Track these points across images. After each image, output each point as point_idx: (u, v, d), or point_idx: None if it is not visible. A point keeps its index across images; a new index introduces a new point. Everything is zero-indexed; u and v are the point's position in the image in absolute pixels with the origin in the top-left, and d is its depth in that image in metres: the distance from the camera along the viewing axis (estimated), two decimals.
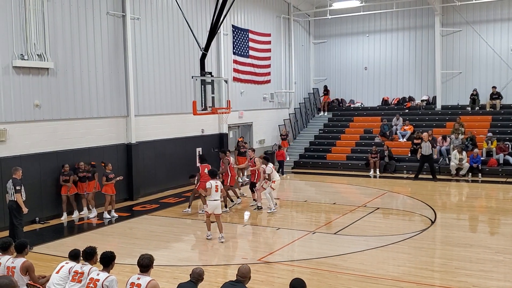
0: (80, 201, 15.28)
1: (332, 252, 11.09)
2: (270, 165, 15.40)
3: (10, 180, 11.95)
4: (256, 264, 10.33)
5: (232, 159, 16.72)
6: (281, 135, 24.93)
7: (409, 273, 9.68)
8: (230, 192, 16.08)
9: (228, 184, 15.67)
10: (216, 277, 9.54)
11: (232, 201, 16.11)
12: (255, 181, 15.94)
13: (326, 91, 28.64)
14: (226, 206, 15.25)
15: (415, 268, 10.00)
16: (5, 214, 13.46)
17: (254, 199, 15.97)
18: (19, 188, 11.77)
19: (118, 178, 15.18)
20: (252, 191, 16.12)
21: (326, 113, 28.35)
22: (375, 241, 11.91)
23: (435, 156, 20.91)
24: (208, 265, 10.32)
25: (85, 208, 15.33)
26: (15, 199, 11.71)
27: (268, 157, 15.98)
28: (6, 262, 7.45)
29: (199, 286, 6.68)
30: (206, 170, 14.11)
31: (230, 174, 15.75)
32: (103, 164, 15.15)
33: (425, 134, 21.33)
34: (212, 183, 12.07)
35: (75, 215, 15.07)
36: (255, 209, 15.48)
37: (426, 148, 20.65)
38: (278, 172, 22.52)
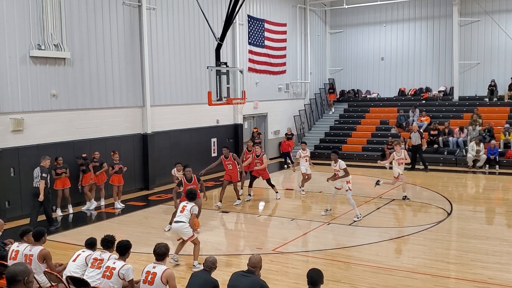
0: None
1: (347, 243, 11.07)
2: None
3: (38, 168, 12.58)
4: (270, 254, 10.35)
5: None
6: (286, 134, 23.88)
7: (424, 265, 9.63)
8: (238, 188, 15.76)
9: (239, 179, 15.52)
10: (230, 266, 9.58)
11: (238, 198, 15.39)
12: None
13: (332, 89, 28.33)
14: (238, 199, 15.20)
15: (431, 260, 9.94)
16: (23, 203, 13.69)
17: (249, 194, 15.92)
18: (45, 176, 12.45)
19: (124, 169, 15.12)
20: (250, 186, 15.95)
21: (333, 111, 28.05)
22: (390, 233, 11.86)
23: (424, 147, 20.95)
24: (222, 255, 10.37)
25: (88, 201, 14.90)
26: (39, 185, 12.30)
27: (337, 150, 14.22)
28: (24, 250, 7.57)
29: (213, 274, 6.72)
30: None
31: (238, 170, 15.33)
32: (112, 154, 15.13)
33: (414, 125, 21.64)
34: (182, 203, 10.08)
35: (70, 210, 14.44)
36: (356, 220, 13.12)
37: (415, 139, 20.72)
38: (284, 163, 22.50)
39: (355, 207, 13.02)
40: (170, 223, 11.79)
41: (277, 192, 15.88)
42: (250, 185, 15.95)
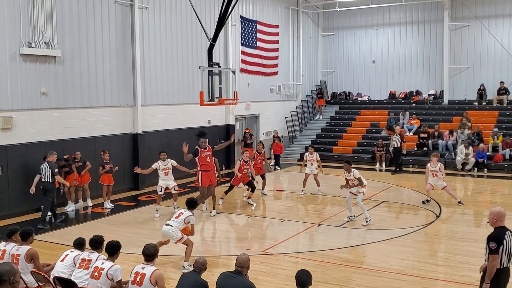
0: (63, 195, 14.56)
1: (336, 245, 11.09)
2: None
3: (46, 163, 13.01)
4: (260, 255, 10.35)
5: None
6: (273, 137, 23.43)
7: (413, 267, 9.67)
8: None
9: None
10: (220, 267, 9.56)
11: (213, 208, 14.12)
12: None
13: (321, 94, 28.20)
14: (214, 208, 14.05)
15: (419, 262, 9.99)
16: (11, 202, 13.59)
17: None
18: (57, 170, 13.16)
19: (114, 169, 15.06)
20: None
21: (321, 116, 27.93)
22: (380, 234, 11.90)
23: (403, 152, 21.18)
24: (212, 256, 10.35)
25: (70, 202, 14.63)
26: (51, 180, 12.94)
27: (350, 160, 13.62)
28: (11, 250, 7.50)
29: (202, 275, 6.70)
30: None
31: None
32: (102, 154, 15.02)
33: (397, 127, 21.75)
34: (180, 210, 9.90)
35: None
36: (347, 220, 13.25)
37: (395, 141, 20.89)
38: (274, 165, 22.42)
39: (365, 210, 12.87)
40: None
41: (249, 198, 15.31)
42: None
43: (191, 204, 9.79)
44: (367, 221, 12.76)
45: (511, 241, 6.51)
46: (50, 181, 12.96)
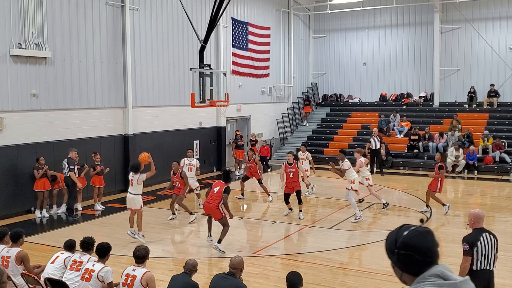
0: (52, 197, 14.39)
1: (327, 247, 11.12)
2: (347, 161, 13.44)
3: (66, 159, 13.73)
4: (251, 257, 10.35)
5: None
6: (250, 140, 22.27)
7: None
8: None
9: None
10: (211, 269, 9.56)
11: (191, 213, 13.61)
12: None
13: (308, 101, 28.04)
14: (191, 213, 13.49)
15: None
16: (1, 203, 13.50)
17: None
18: (73, 167, 13.71)
19: (106, 170, 15.02)
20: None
21: (308, 124, 27.73)
22: (371, 236, 11.95)
23: (383, 152, 21.23)
24: (203, 258, 10.34)
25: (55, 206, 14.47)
26: (70, 176, 13.59)
27: (345, 150, 13.93)
28: (1, 252, 7.45)
29: (193, 277, 6.69)
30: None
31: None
32: (93, 155, 14.94)
33: (375, 129, 21.81)
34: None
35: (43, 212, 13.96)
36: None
37: (374, 143, 20.97)
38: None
39: (356, 207, 13.01)
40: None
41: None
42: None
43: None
44: (356, 219, 12.83)
45: (489, 243, 6.53)
46: (69, 176, 13.66)
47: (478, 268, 6.50)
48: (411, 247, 2.41)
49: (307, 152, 17.07)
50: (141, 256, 6.73)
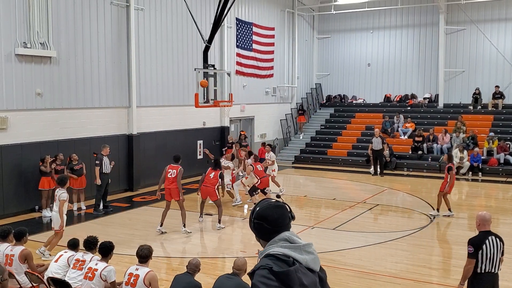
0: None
1: (330, 248, 11.10)
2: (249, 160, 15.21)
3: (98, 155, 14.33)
4: (254, 258, 10.33)
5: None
6: (227, 143, 20.43)
7: (407, 270, 9.69)
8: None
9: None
10: (214, 269, 9.56)
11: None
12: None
13: (302, 110, 27.26)
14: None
15: (413, 265, 10.02)
16: (5, 202, 13.54)
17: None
18: (98, 163, 14.13)
19: (84, 171, 14.61)
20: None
21: (302, 135, 26.81)
22: (374, 238, 11.92)
23: (385, 152, 21.17)
24: (206, 257, 10.34)
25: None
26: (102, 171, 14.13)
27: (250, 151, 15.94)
28: (5, 250, 7.48)
29: (196, 277, 6.69)
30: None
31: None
32: (95, 155, 14.70)
33: (376, 130, 21.71)
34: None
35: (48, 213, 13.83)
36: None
37: (376, 144, 20.92)
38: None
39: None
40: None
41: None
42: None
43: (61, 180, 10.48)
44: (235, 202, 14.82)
45: (495, 246, 6.49)
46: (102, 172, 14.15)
47: (483, 271, 6.47)
48: (262, 217, 2.89)
49: (271, 153, 17.04)
50: (144, 255, 6.74)
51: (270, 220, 2.87)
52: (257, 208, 2.93)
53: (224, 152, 18.53)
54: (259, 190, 14.74)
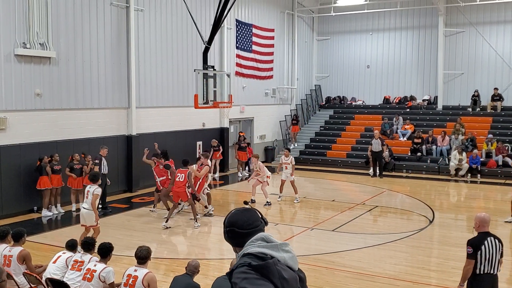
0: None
1: (329, 249, 11.10)
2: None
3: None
4: None
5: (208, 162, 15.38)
6: (212, 146, 20.43)
7: (406, 272, 9.69)
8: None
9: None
10: (213, 270, 9.55)
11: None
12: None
13: (296, 120, 26.63)
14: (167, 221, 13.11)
15: (412, 267, 10.02)
16: (4, 203, 13.52)
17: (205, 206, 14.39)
18: (98, 162, 14.08)
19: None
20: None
21: (297, 144, 26.16)
22: (373, 239, 11.92)
23: (384, 154, 21.16)
24: (205, 259, 10.33)
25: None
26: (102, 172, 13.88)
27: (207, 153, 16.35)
28: (3, 251, 7.47)
29: (195, 279, 6.69)
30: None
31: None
32: (83, 156, 14.68)
33: (376, 131, 21.64)
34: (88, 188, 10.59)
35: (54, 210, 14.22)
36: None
37: (376, 145, 20.92)
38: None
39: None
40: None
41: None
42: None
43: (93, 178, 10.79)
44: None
45: (494, 247, 6.51)
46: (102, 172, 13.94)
47: (482, 272, 6.49)
48: (231, 223, 2.88)
49: (291, 157, 16.37)
50: (143, 256, 6.73)
51: (240, 224, 2.87)
52: (227, 217, 2.93)
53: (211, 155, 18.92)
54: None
